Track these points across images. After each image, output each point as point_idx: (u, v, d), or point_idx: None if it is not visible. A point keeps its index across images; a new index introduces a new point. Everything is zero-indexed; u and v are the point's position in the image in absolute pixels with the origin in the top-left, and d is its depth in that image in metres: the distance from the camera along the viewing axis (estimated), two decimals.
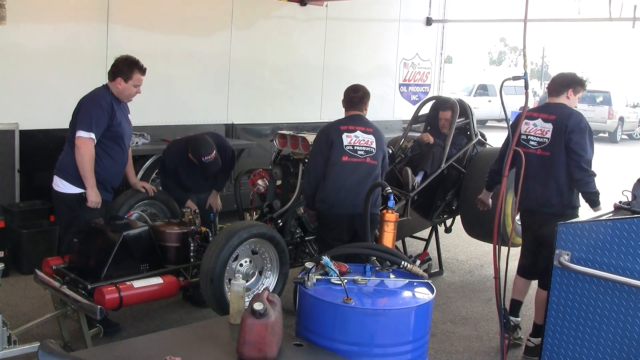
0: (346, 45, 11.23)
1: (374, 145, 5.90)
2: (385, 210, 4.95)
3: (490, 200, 6.42)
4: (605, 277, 3.92)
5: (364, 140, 5.87)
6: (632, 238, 3.82)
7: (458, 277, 8.07)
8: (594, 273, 3.96)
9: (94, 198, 5.56)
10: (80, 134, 5.46)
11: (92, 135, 5.47)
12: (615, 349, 3.95)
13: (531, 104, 5.62)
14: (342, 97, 6.14)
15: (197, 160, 6.43)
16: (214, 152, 6.41)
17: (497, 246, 4.80)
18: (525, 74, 4.49)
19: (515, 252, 6.54)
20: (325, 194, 5.86)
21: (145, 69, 5.78)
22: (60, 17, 7.65)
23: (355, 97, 6.03)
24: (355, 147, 5.84)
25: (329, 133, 5.93)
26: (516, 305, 6.16)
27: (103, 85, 5.83)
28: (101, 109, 5.54)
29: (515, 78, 4.66)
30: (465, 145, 7.81)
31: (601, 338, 4.00)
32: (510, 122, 5.37)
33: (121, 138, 5.76)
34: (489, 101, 31.90)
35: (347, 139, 5.84)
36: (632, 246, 3.83)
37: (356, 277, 3.94)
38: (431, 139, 7.66)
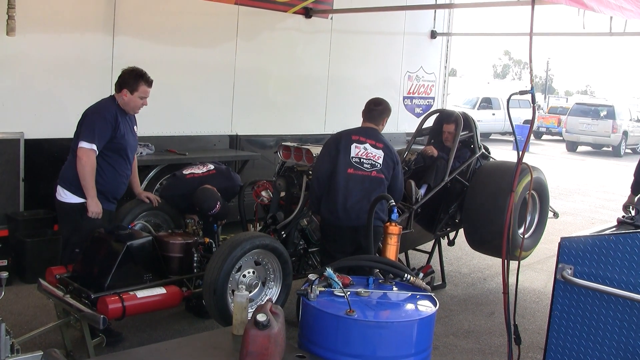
0: (351, 57, 11.27)
1: (380, 161, 5.91)
2: (388, 223, 4.96)
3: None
4: (608, 292, 3.92)
5: (371, 154, 5.90)
6: (635, 253, 3.82)
7: (461, 290, 8.06)
8: (597, 287, 3.95)
9: (95, 208, 5.57)
10: (83, 144, 5.48)
11: (94, 147, 5.49)
12: None
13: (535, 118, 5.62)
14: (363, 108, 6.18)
15: (203, 215, 6.49)
16: (218, 203, 6.42)
17: (505, 261, 4.77)
18: (532, 88, 4.50)
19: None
20: (330, 205, 5.88)
21: (151, 81, 5.81)
22: (67, 28, 7.70)
23: (376, 110, 6.08)
24: (361, 160, 5.86)
25: (340, 138, 5.98)
26: None
27: (109, 96, 5.85)
28: (105, 121, 5.57)
29: (522, 92, 4.66)
30: (469, 159, 7.81)
31: (604, 353, 3.99)
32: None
33: (124, 150, 5.78)
34: (493, 114, 31.91)
35: (355, 149, 5.88)
36: (635, 261, 3.83)
37: (359, 290, 3.95)
38: (435, 152, 7.67)
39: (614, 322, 3.94)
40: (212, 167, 6.90)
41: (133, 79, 5.72)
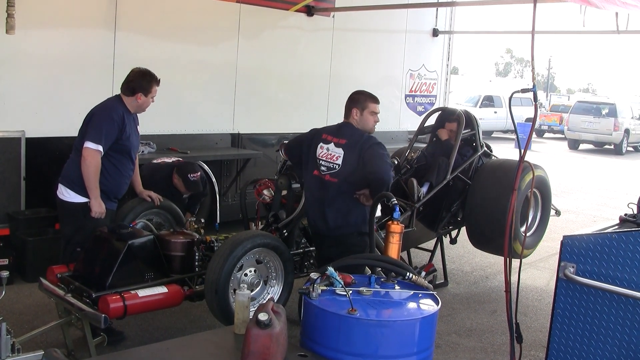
0: (352, 55, 11.25)
1: (338, 161, 5.47)
2: (390, 221, 4.94)
3: None
4: (610, 290, 3.91)
5: (330, 155, 5.54)
6: (637, 251, 3.81)
7: (463, 289, 8.05)
8: (599, 286, 3.95)
9: (98, 209, 5.56)
10: (88, 144, 5.46)
11: (100, 148, 5.48)
12: None
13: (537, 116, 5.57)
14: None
15: (182, 180, 6.95)
16: (200, 172, 7.03)
17: (507, 259, 4.75)
18: (534, 86, 4.47)
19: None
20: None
21: (159, 80, 5.85)
22: (68, 25, 7.69)
23: (347, 101, 5.72)
24: (321, 162, 5.57)
25: (314, 136, 5.76)
26: None
27: (115, 95, 5.84)
28: (112, 122, 5.56)
29: (524, 90, 4.63)
30: (471, 157, 7.80)
31: (606, 351, 3.99)
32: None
33: (129, 151, 5.78)
34: (495, 112, 31.94)
35: (319, 150, 5.61)
36: (637, 259, 3.82)
37: (361, 288, 3.94)
38: (446, 135, 7.74)
39: (616, 320, 3.93)
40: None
41: (147, 82, 5.74)
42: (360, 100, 5.65)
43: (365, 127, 5.61)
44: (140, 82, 5.73)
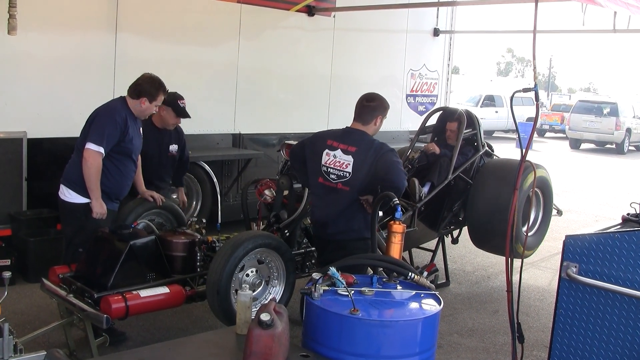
0: (353, 55, 11.26)
1: (349, 169, 5.26)
2: (392, 221, 4.94)
3: None
4: (613, 290, 3.90)
5: (339, 162, 5.31)
6: None
7: (465, 289, 8.04)
8: (602, 285, 3.94)
9: (99, 209, 5.55)
10: (90, 146, 5.44)
11: (101, 150, 5.46)
12: None
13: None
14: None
15: (172, 107, 6.73)
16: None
17: (509, 259, 4.73)
18: (536, 85, 4.46)
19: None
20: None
21: (167, 91, 5.87)
22: (69, 26, 7.69)
23: (367, 106, 5.42)
24: (329, 169, 5.35)
25: (317, 141, 5.54)
26: None
27: (120, 97, 5.83)
28: (115, 124, 5.54)
29: (526, 90, 4.62)
30: (472, 156, 7.79)
31: (609, 351, 3.98)
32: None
33: (131, 153, 5.78)
34: (496, 112, 31.92)
35: (325, 157, 5.37)
36: None
37: (363, 288, 3.93)
38: (437, 149, 7.64)
39: (619, 320, 3.92)
40: None
41: (154, 89, 5.73)
42: (386, 107, 5.50)
43: (375, 134, 5.51)
44: (148, 87, 5.71)
